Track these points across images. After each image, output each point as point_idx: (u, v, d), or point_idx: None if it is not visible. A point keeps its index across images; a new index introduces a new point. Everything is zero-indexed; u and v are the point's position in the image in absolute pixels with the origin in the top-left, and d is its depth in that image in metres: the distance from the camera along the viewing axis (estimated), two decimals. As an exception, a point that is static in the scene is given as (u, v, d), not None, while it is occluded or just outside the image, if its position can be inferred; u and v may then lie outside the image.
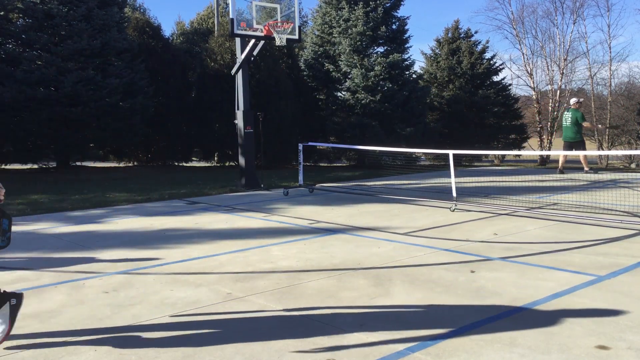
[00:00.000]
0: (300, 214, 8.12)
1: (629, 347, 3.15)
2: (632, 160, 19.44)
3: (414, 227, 6.86)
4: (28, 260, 5.53)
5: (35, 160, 16.15)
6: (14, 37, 14.91)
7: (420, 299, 4.06)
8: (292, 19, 11.04)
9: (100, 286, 4.57)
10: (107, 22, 15.11)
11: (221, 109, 16.04)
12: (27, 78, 13.81)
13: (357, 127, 16.57)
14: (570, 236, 6.16)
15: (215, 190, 11.06)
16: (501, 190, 10.33)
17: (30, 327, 3.64)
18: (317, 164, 18.89)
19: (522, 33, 24.06)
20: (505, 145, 20.68)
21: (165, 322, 3.69)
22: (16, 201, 9.63)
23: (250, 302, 4.06)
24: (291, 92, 17.00)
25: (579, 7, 22.85)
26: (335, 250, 5.70)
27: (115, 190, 11.11)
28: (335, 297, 4.14)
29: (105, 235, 6.78)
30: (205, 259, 5.47)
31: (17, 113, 14.16)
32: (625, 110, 21.94)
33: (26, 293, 4.41)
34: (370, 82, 16.59)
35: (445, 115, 20.16)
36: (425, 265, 5.03)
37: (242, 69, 11.22)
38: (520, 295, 4.09)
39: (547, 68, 23.42)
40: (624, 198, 8.75)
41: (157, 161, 18.82)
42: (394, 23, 18.06)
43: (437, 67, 21.14)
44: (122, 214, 8.40)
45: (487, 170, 16.07)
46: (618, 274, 4.60)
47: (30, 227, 7.39)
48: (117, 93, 14.88)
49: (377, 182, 12.50)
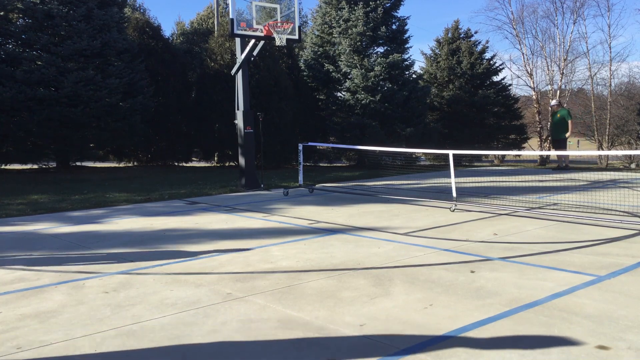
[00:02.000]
0: (300, 214, 8.12)
1: (629, 347, 3.15)
2: (632, 160, 19.45)
3: (414, 227, 6.86)
4: (28, 260, 5.52)
5: (35, 160, 16.14)
6: (14, 37, 14.90)
7: (420, 299, 4.06)
8: (292, 19, 11.04)
9: (100, 286, 4.57)
10: (107, 22, 15.12)
11: (221, 109, 16.03)
12: (27, 78, 13.81)
13: (357, 128, 16.57)
14: (570, 236, 6.16)
15: (215, 191, 11.06)
16: (501, 190, 10.33)
17: (30, 327, 3.64)
18: (317, 164, 18.89)
19: (522, 33, 24.09)
20: (505, 145, 20.69)
21: (165, 322, 3.69)
22: (16, 201, 9.63)
23: (250, 302, 4.06)
24: (291, 92, 17.00)
25: (579, 7, 22.88)
26: (335, 251, 5.70)
27: (115, 191, 11.11)
28: (335, 297, 4.14)
29: (105, 236, 6.78)
30: (205, 259, 5.47)
31: (17, 113, 14.16)
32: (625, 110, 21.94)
33: (26, 293, 4.42)
34: (370, 82, 16.59)
35: (445, 115, 20.17)
36: (425, 265, 5.03)
37: (242, 69, 11.22)
38: (520, 295, 4.09)
39: (547, 68, 23.44)
40: (623, 198, 8.75)
41: (157, 161, 18.82)
42: (394, 23, 18.06)
43: (437, 67, 21.15)
44: (122, 214, 8.40)
45: (487, 170, 16.07)
46: (618, 274, 4.60)
47: (30, 227, 7.39)
48: (117, 93, 14.89)
49: (377, 182, 12.50)
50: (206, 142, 17.74)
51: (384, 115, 16.77)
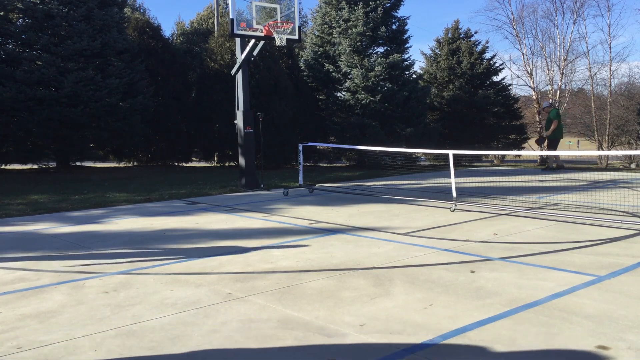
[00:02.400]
0: (300, 214, 8.12)
1: (629, 347, 3.15)
2: (632, 160, 19.45)
3: (414, 227, 6.86)
4: (28, 260, 5.52)
5: (35, 160, 16.13)
6: (14, 37, 14.89)
7: (420, 299, 4.06)
8: (292, 19, 11.04)
9: (100, 286, 4.57)
10: (107, 23, 15.11)
11: (221, 109, 16.03)
12: (27, 78, 13.80)
13: (357, 127, 16.57)
14: (570, 236, 6.16)
15: (215, 191, 11.05)
16: (501, 191, 10.33)
17: (30, 327, 3.64)
18: (317, 164, 18.88)
19: (522, 33, 24.14)
20: (505, 146, 20.70)
21: (165, 322, 3.69)
22: (16, 201, 9.63)
23: (250, 302, 4.06)
24: (291, 92, 17.00)
25: (579, 7, 22.91)
26: (335, 251, 5.70)
27: (115, 191, 11.11)
28: (335, 297, 4.14)
29: (105, 235, 6.78)
30: (205, 259, 5.47)
31: (17, 113, 14.15)
32: (625, 110, 21.95)
33: (26, 293, 4.42)
34: (370, 83, 16.59)
35: (445, 116, 20.17)
36: (425, 265, 5.03)
37: (242, 69, 11.22)
38: (520, 295, 4.09)
39: (547, 68, 23.45)
40: (623, 198, 8.75)
41: (157, 161, 18.82)
42: (394, 23, 18.06)
43: (437, 67, 21.15)
44: (122, 214, 8.40)
45: (487, 170, 16.07)
46: (618, 274, 4.60)
47: (30, 227, 7.39)
48: (117, 93, 14.88)
49: (377, 182, 12.50)
50: (206, 142, 17.74)
51: (384, 115, 16.77)
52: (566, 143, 28.54)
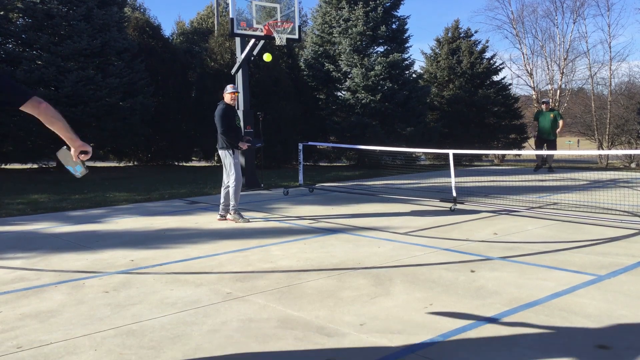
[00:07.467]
0: (300, 214, 8.12)
1: (629, 347, 3.15)
2: (632, 159, 19.45)
3: (414, 227, 6.86)
4: (28, 260, 5.52)
5: (35, 160, 16.13)
6: (14, 37, 14.89)
7: (420, 298, 4.06)
8: (292, 18, 11.04)
9: (100, 286, 4.56)
10: (107, 22, 15.10)
11: (221, 108, 16.01)
12: (27, 78, 13.80)
13: (357, 127, 16.56)
14: (571, 236, 6.16)
15: (216, 190, 11.03)
16: (501, 190, 10.33)
17: (30, 327, 3.64)
18: (317, 163, 18.88)
19: (522, 33, 24.16)
20: (505, 145, 20.70)
21: (165, 322, 3.69)
22: (16, 201, 9.63)
23: (250, 302, 4.06)
24: (291, 92, 16.99)
25: (579, 7, 22.95)
26: (335, 250, 5.70)
27: (115, 190, 11.11)
28: (335, 297, 4.14)
29: (105, 235, 6.77)
30: (205, 258, 5.47)
31: (17, 113, 14.15)
32: (625, 110, 21.94)
33: (26, 293, 4.42)
34: (370, 82, 16.59)
35: (445, 115, 20.17)
36: (426, 264, 5.03)
37: (242, 69, 11.21)
38: (520, 294, 4.09)
39: (547, 68, 23.46)
40: (624, 198, 8.75)
41: (157, 161, 18.82)
42: (394, 23, 18.05)
43: (437, 67, 21.15)
44: (122, 214, 8.40)
45: (487, 170, 16.07)
46: (618, 273, 4.60)
47: (30, 227, 7.39)
48: (117, 93, 14.87)
49: (377, 182, 12.50)
50: (206, 142, 17.70)
51: (384, 114, 16.77)
52: (566, 143, 28.55)
